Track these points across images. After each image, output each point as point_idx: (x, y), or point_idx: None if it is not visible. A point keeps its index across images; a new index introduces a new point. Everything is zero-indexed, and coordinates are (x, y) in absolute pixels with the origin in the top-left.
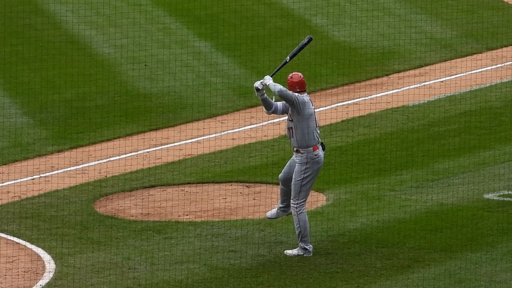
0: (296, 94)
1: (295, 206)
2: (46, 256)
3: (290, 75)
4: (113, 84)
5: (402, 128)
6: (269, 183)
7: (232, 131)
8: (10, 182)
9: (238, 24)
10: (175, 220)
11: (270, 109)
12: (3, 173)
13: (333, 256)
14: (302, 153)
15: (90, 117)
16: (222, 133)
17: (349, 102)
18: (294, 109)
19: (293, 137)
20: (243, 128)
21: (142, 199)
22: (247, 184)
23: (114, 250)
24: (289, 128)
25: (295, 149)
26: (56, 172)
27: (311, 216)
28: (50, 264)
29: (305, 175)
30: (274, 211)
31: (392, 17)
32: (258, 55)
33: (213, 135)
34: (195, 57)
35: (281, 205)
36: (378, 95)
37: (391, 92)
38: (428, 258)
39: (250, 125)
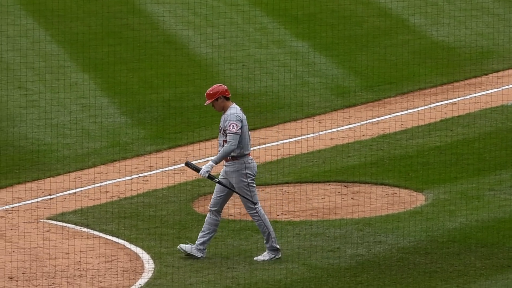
0: (234, 125)
1: (255, 211)
2: (145, 256)
3: (212, 88)
4: (210, 84)
5: (501, 127)
6: (367, 183)
7: (330, 130)
8: (108, 182)
9: (335, 24)
10: (273, 220)
11: (232, 151)
12: (101, 173)
13: (432, 255)
14: (239, 160)
15: (188, 116)
16: (320, 133)
17: (448, 101)
18: None
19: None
20: (341, 128)
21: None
22: (345, 184)
23: (213, 250)
24: (224, 141)
25: (229, 158)
26: (154, 171)
27: (410, 215)
28: (149, 264)
29: (248, 179)
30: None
31: (491, 16)
32: (355, 55)
33: (311, 135)
34: (293, 57)
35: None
36: (476, 94)
37: (489, 91)
38: None
39: (348, 124)
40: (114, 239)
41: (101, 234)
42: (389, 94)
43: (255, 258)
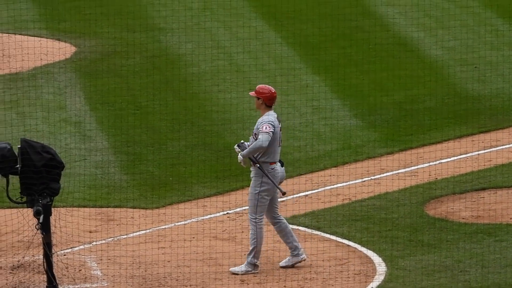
0: (267, 127)
1: (254, 220)
2: (376, 259)
3: (262, 87)
4: (441, 86)
5: None
6: None
7: None
8: (340, 185)
9: None
10: (506, 223)
11: (260, 148)
12: (333, 175)
13: None
14: (259, 167)
15: (419, 119)
16: None
17: None
18: None
19: None
20: None
21: (473, 201)
22: None
23: (445, 253)
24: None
25: (251, 162)
26: (386, 174)
27: None
28: (380, 267)
29: (262, 188)
30: (286, 259)
31: None
32: None
33: None
34: None
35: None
36: None
37: None
38: None
39: None
40: (346, 241)
41: (333, 237)
42: None
43: (230, 269)
